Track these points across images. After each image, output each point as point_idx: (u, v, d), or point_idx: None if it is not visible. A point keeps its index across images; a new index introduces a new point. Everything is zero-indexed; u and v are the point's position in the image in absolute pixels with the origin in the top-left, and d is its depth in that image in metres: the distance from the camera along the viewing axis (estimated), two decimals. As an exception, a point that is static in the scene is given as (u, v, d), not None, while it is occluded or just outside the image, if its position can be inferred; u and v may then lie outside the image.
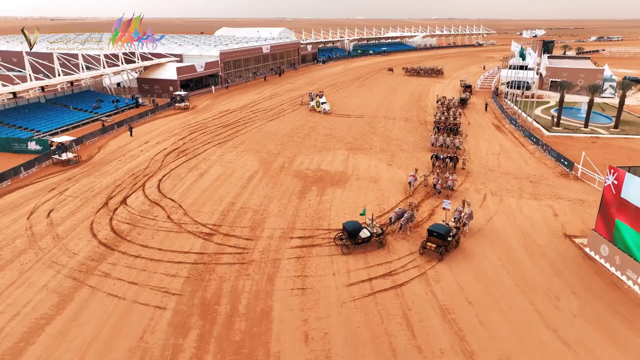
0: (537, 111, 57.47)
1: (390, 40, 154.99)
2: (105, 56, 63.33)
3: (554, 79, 69.78)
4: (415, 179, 32.84)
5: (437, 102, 59.87)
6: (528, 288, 20.96)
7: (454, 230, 24.64)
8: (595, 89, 47.91)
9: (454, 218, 26.24)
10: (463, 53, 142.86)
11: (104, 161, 38.78)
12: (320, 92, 65.83)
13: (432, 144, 41.88)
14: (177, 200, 30.47)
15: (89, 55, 62.35)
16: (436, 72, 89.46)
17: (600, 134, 47.34)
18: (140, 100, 61.12)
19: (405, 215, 26.25)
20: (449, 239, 23.75)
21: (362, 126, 50.51)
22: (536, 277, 21.90)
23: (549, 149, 40.03)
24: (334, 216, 28.12)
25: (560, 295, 20.44)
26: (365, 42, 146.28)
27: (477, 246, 24.75)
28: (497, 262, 23.16)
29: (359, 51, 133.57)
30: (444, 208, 26.40)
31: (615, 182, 22.08)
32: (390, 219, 26.43)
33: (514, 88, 66.51)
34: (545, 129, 48.94)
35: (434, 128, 46.40)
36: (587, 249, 24.14)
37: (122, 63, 66.17)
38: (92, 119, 51.96)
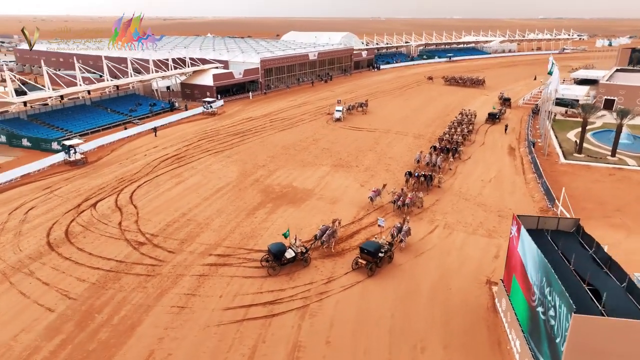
0: (571, 134, 52.52)
1: (463, 46, 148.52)
2: (154, 62, 69.11)
3: (607, 97, 63.02)
4: (378, 195, 33.03)
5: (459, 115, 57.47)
6: (400, 335, 20.20)
7: (386, 247, 25.36)
8: (624, 114, 42.73)
9: (392, 234, 27.05)
10: (540, 60, 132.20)
11: (107, 163, 42.93)
12: (365, 101, 66.26)
13: (417, 161, 40.83)
14: (139, 207, 33.09)
15: (138, 60, 68.44)
16: (476, 83, 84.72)
17: (627, 165, 42.26)
18: (176, 104, 65.81)
19: (328, 232, 26.97)
20: (380, 255, 24.65)
21: (366, 141, 50.04)
22: (420, 324, 20.97)
23: (542, 180, 36.89)
24: (267, 236, 28.80)
25: (428, 348, 19.47)
26: (433, 47, 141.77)
27: (382, 282, 24.09)
28: (390, 303, 22.44)
29: (424, 57, 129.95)
30: (378, 225, 27.31)
31: (516, 234, 20.39)
32: (316, 235, 27.25)
33: (559, 105, 61.37)
34: (564, 155, 44.79)
35: (431, 147, 44.68)
36: (496, 300, 22.49)
37: (171, 69, 71.79)
38: (125, 121, 57.21)
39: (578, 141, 46.63)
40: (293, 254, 25.17)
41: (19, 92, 63.17)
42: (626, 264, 24.70)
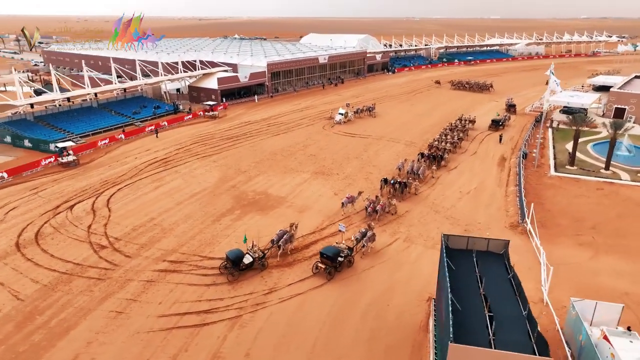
0: (570, 145, 50.57)
1: (486, 48, 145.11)
2: (163, 65, 70.98)
3: (618, 106, 60.43)
4: (351, 202, 33.49)
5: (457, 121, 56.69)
6: (322, 350, 20.22)
7: (346, 252, 25.98)
8: (619, 126, 40.94)
9: (356, 238, 27.66)
10: (566, 65, 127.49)
11: (97, 165, 44.47)
12: (372, 104, 66.46)
13: (399, 169, 40.49)
14: (112, 210, 34.20)
15: (148, 62, 70.38)
16: (483, 87, 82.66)
17: (620, 179, 40.46)
18: (180, 107, 67.34)
19: (285, 237, 27.43)
20: (340, 259, 25.43)
21: (355, 148, 49.82)
22: (344, 340, 20.91)
23: (520, 194, 35.87)
24: (224, 244, 29.23)
25: (345, 365, 19.43)
26: (455, 49, 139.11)
27: (323, 295, 24.10)
28: (324, 318, 22.45)
29: (444, 60, 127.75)
30: (339, 230, 28.14)
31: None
32: (273, 240, 27.75)
33: (567, 114, 59.22)
34: (556, 167, 43.36)
35: (419, 154, 44.14)
36: (430, 318, 22.15)
37: (181, 72, 73.56)
38: (127, 123, 58.99)
39: (568, 152, 45.02)
40: (251, 260, 25.73)
41: (38, 93, 66.38)
42: (577, 286, 24.07)
